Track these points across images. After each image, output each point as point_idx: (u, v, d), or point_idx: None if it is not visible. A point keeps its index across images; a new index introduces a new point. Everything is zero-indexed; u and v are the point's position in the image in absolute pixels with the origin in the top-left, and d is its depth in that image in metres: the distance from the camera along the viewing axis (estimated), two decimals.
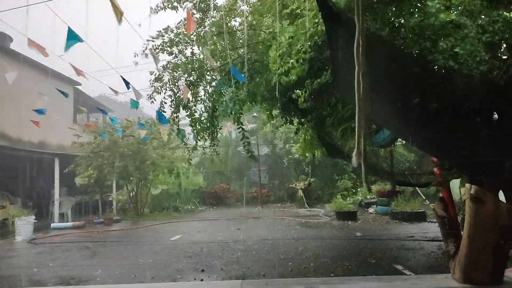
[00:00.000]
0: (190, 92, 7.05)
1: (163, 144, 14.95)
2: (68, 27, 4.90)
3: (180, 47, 6.92)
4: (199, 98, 7.47)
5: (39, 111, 8.19)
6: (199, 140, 7.83)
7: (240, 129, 7.04)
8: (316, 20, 4.29)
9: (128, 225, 12.92)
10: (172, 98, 7.08)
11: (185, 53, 7.02)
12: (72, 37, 4.86)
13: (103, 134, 13.06)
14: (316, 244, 8.16)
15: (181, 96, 7.06)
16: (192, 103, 7.36)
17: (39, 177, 14.79)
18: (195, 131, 7.51)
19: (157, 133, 14.60)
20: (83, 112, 13.28)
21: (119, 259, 7.32)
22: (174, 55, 7.00)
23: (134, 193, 15.05)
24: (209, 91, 7.35)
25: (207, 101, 7.43)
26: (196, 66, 6.95)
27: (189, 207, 16.84)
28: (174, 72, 6.90)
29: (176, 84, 7.03)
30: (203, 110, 7.57)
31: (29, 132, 14.23)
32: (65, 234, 11.05)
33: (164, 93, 7.02)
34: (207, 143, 7.91)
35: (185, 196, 17.33)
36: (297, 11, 5.15)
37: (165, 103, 7.11)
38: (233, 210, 16.18)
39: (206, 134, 7.62)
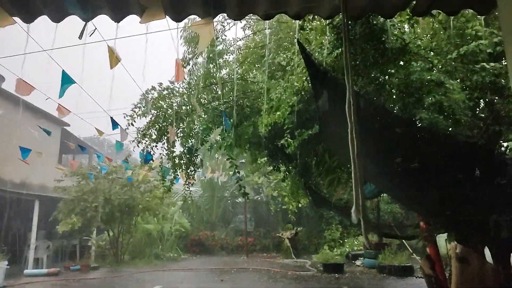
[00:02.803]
0: (175, 129, 7.03)
1: (150, 190, 14.69)
2: (63, 70, 4.94)
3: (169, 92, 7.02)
4: (181, 135, 7.45)
5: (24, 151, 8.07)
6: (176, 177, 7.72)
7: (231, 163, 6.92)
8: (304, 78, 4.48)
9: (107, 273, 12.32)
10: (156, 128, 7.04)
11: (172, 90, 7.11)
12: (66, 81, 4.90)
13: (90, 175, 12.80)
14: None
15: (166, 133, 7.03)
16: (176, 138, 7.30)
17: (17, 219, 14.24)
18: (173, 166, 7.41)
19: (144, 177, 14.40)
20: (72, 147, 12.97)
21: None
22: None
23: (115, 238, 14.51)
24: (196, 129, 7.35)
25: (191, 138, 7.40)
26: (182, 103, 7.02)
27: (171, 254, 16.23)
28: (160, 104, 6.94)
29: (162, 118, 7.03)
30: (185, 146, 7.52)
31: (11, 172, 13.90)
32: (38, 282, 10.45)
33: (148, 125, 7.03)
34: (186, 183, 7.79)
35: (167, 243, 16.75)
36: (286, 66, 5.39)
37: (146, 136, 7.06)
38: (217, 259, 15.64)
39: (182, 171, 7.52)
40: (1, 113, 6.96)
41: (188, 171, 7.61)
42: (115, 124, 6.37)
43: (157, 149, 7.20)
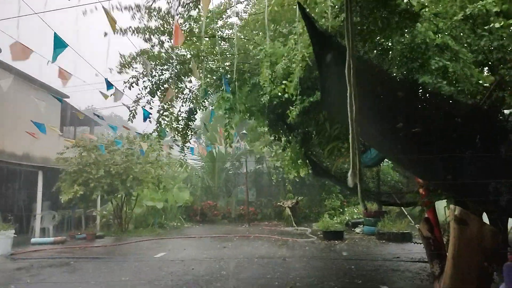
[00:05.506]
0: (174, 90, 6.87)
1: (149, 161, 14.68)
2: (55, 33, 4.78)
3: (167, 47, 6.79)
4: (181, 96, 7.32)
5: (39, 125, 8.07)
6: (173, 136, 7.65)
7: (229, 125, 6.79)
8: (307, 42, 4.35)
9: (111, 241, 12.62)
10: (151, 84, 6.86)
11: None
12: (59, 45, 4.77)
13: (101, 146, 12.80)
14: (302, 263, 8.08)
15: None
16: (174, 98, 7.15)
17: (21, 190, 14.43)
18: (169, 126, 7.32)
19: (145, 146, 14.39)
20: (81, 117, 12.77)
21: (100, 277, 7.11)
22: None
23: (119, 208, 14.74)
24: (195, 90, 7.23)
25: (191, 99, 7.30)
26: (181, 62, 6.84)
27: (175, 223, 16.57)
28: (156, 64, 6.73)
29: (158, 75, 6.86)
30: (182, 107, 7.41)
31: (13, 144, 13.96)
32: (45, 250, 10.73)
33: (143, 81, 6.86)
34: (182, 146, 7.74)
35: (171, 212, 17.05)
36: (289, 29, 5.24)
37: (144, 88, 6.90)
38: (220, 228, 15.96)
39: (179, 133, 7.44)
40: (9, 82, 6.84)
41: (185, 134, 7.51)
42: (109, 85, 6.29)
43: (156, 106, 7.07)
